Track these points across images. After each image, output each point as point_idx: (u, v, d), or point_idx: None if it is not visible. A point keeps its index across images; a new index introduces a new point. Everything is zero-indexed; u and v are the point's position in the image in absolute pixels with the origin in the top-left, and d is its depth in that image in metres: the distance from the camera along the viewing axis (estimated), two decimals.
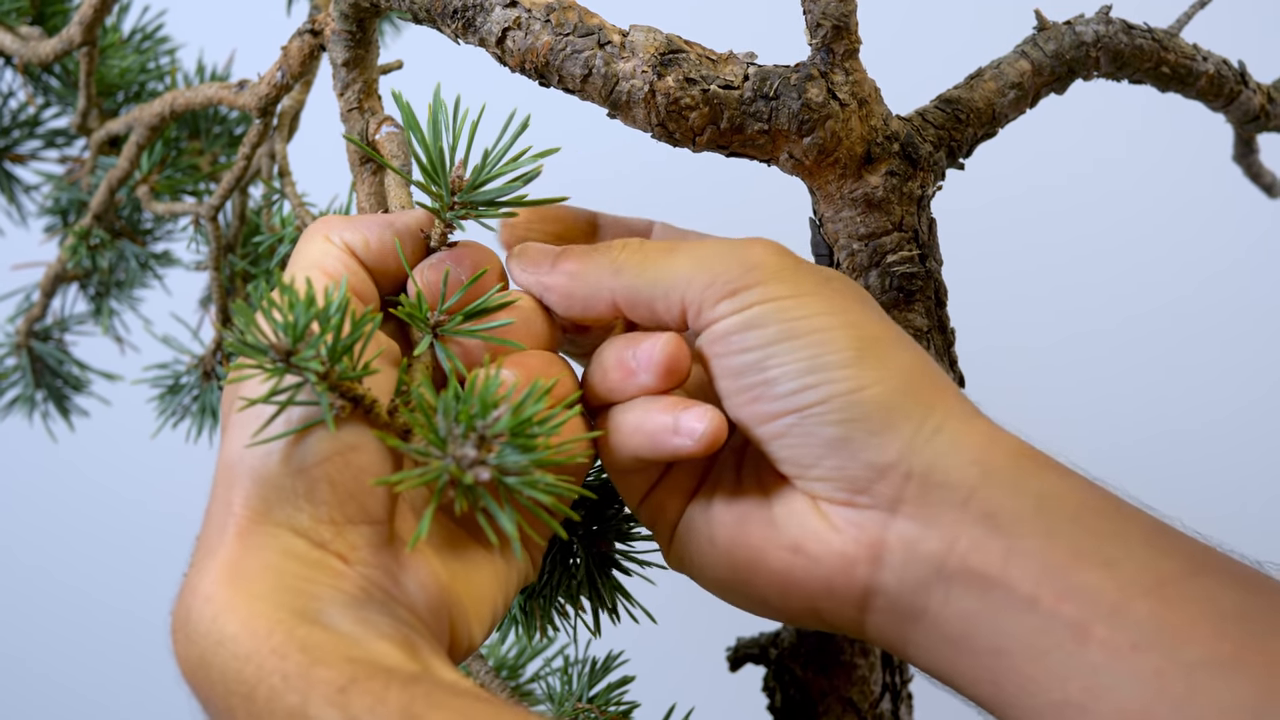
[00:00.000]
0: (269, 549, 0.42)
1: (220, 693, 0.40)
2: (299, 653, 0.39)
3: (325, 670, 0.39)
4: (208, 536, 0.44)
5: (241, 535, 0.42)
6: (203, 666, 0.41)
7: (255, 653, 0.39)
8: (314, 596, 0.41)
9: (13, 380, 0.91)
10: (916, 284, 0.56)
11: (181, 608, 0.42)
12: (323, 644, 0.39)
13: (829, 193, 0.55)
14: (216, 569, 0.42)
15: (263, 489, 0.43)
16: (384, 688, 0.38)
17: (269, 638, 0.40)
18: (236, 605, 0.41)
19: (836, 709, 0.63)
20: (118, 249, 0.84)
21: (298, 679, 0.38)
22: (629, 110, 0.53)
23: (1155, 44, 0.61)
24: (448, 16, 0.54)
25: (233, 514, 0.43)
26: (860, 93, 0.54)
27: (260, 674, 0.39)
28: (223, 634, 0.40)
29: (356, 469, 0.43)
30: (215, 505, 0.44)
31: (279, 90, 0.64)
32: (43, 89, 0.86)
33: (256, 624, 0.40)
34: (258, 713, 0.39)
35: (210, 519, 0.44)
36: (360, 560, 0.43)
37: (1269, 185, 0.76)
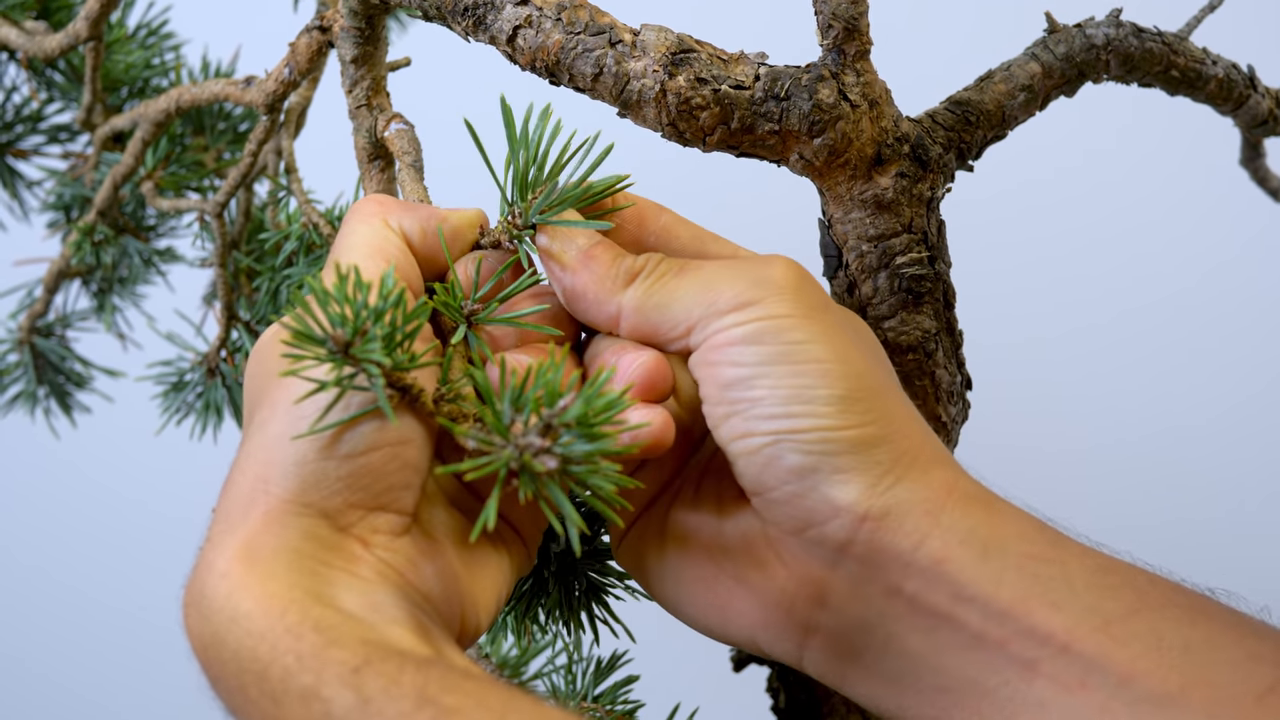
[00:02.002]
0: (291, 529, 0.42)
1: (233, 670, 0.40)
2: (313, 633, 0.39)
3: (339, 651, 0.38)
4: (229, 514, 0.43)
5: (268, 516, 0.42)
6: (215, 644, 0.40)
7: (269, 631, 0.39)
8: (330, 580, 0.41)
9: (15, 376, 0.91)
10: (925, 286, 0.56)
11: (196, 583, 0.42)
12: (337, 625, 0.39)
13: (839, 194, 0.55)
14: (235, 546, 0.41)
15: (302, 472, 0.42)
16: (398, 669, 0.38)
17: (284, 616, 0.39)
18: (251, 583, 0.40)
19: (841, 710, 0.63)
20: (121, 245, 0.84)
21: (311, 659, 0.38)
22: (639, 109, 0.52)
23: (1165, 47, 0.61)
24: (458, 14, 0.53)
25: (267, 494, 0.42)
26: (871, 94, 0.54)
27: (274, 653, 0.39)
28: (237, 611, 0.40)
29: (402, 461, 0.43)
30: (243, 484, 0.43)
31: (286, 87, 0.64)
32: (46, 84, 0.86)
33: (271, 603, 0.40)
34: (271, 691, 0.39)
35: (234, 497, 0.43)
36: (380, 545, 0.43)
37: (1276, 190, 0.76)
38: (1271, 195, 0.76)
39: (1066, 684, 0.41)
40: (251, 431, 0.45)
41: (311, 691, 0.38)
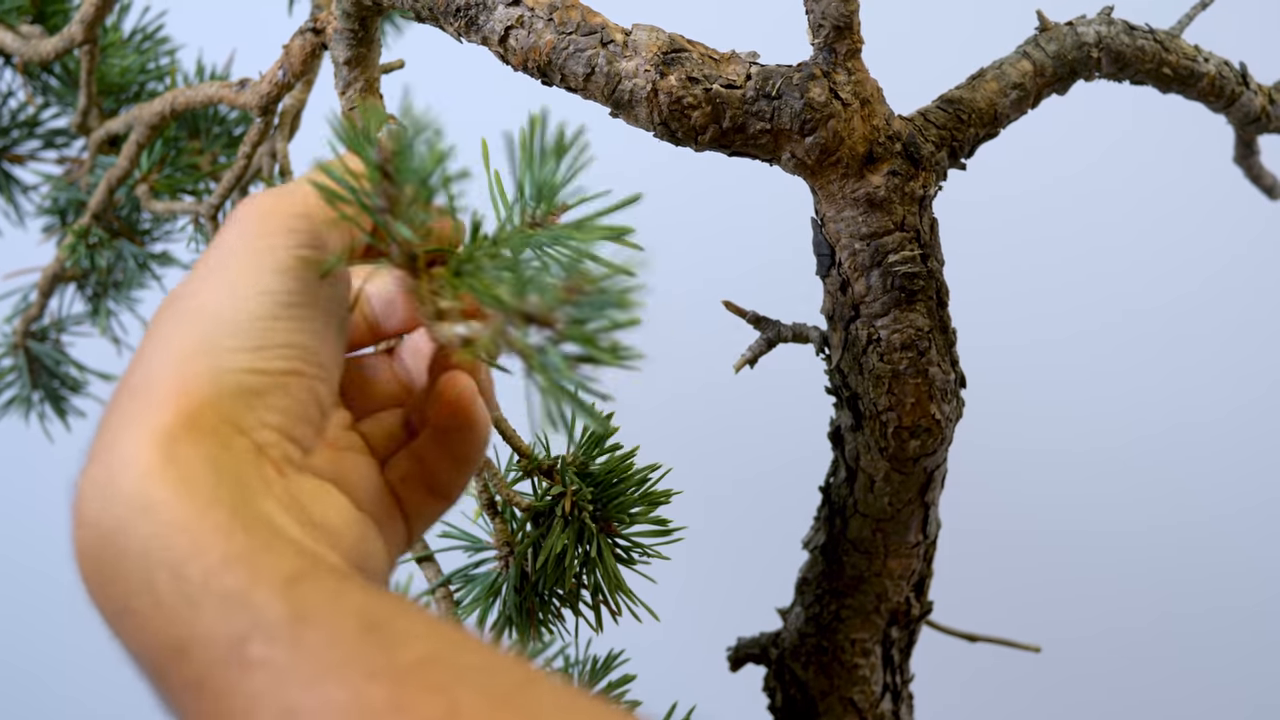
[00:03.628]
0: (211, 434, 0.37)
1: (136, 566, 0.35)
2: (243, 533, 0.34)
3: (274, 557, 0.34)
4: (138, 395, 0.38)
5: (188, 414, 0.37)
6: (117, 534, 0.35)
7: (190, 524, 0.34)
8: (256, 492, 0.37)
9: (9, 381, 0.91)
10: (918, 284, 0.56)
11: (96, 469, 0.37)
12: (271, 532, 0.35)
13: (831, 192, 0.55)
14: (148, 435, 0.36)
15: (228, 378, 0.38)
16: (338, 585, 0.34)
17: (208, 512, 0.35)
18: (169, 476, 0.35)
19: (837, 709, 0.63)
20: (116, 249, 0.84)
21: (241, 563, 0.34)
22: (631, 109, 0.53)
23: (1157, 45, 0.61)
24: (450, 15, 0.54)
25: (184, 391, 0.38)
26: (862, 92, 0.54)
27: (195, 548, 0.34)
28: (150, 499, 0.35)
29: (317, 395, 0.40)
30: (160, 368, 0.39)
31: (280, 89, 0.64)
32: (42, 88, 0.86)
33: (194, 498, 0.35)
34: (186, 591, 0.34)
35: (147, 380, 0.38)
36: (289, 477, 0.39)
37: (1269, 187, 0.76)
38: (1266, 193, 0.76)
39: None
40: (184, 306, 0.40)
41: (238, 596, 0.33)
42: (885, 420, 0.58)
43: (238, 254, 0.40)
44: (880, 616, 0.64)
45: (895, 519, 0.62)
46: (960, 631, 0.74)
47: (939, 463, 0.61)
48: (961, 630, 0.74)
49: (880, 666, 0.64)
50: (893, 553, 0.63)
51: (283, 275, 0.40)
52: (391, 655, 0.32)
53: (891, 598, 0.64)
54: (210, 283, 0.40)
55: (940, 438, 0.59)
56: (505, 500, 0.58)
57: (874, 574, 0.63)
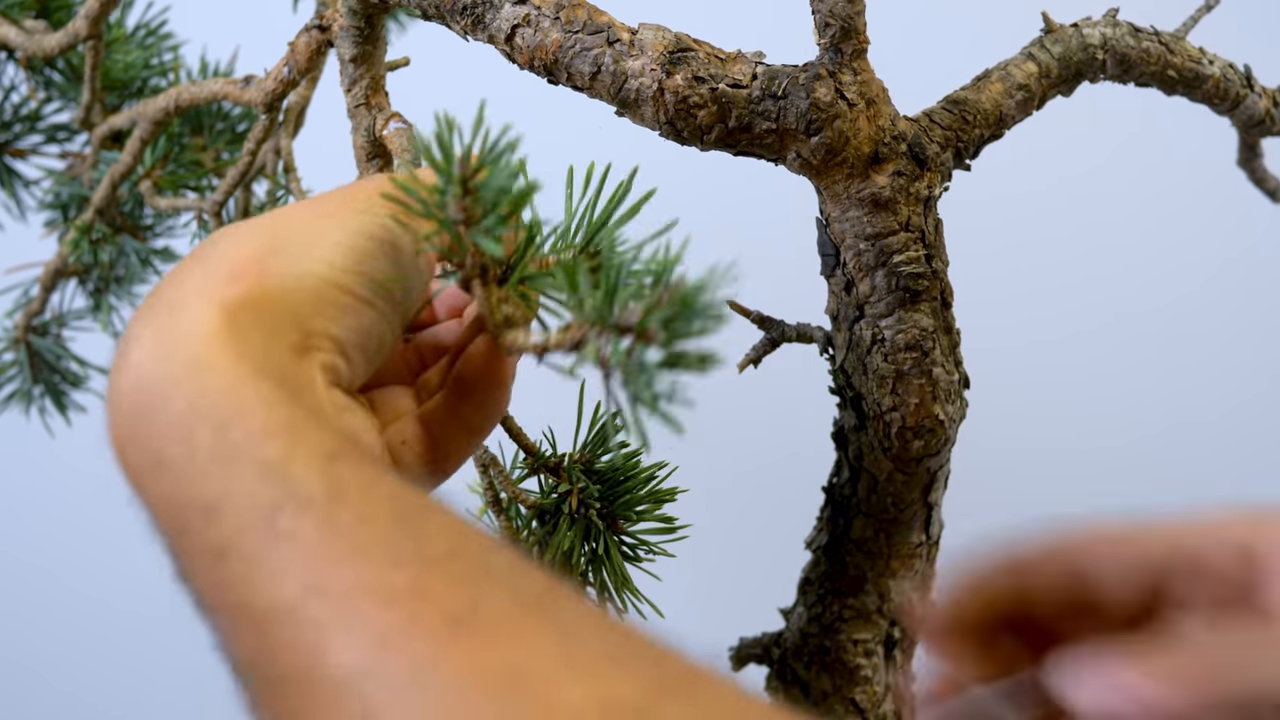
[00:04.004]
0: (274, 317, 0.38)
1: (179, 418, 0.35)
2: (288, 405, 0.35)
3: (316, 433, 0.34)
4: (206, 270, 0.39)
5: (258, 291, 0.38)
6: (167, 383, 0.35)
7: (239, 389, 0.35)
8: (302, 378, 0.37)
9: (10, 375, 0.91)
10: (923, 284, 0.56)
11: (161, 320, 0.37)
12: (314, 410, 0.36)
13: (836, 192, 0.55)
14: (217, 302, 0.37)
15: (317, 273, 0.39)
16: (375, 471, 0.34)
17: (259, 381, 0.35)
18: (230, 343, 0.36)
19: (840, 709, 0.63)
20: (118, 244, 0.84)
21: (283, 433, 0.34)
22: (637, 108, 0.53)
23: (1162, 47, 0.61)
24: (457, 13, 0.54)
25: (262, 270, 0.38)
26: (868, 93, 0.54)
27: (241, 411, 0.34)
28: (208, 360, 0.35)
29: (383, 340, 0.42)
30: (243, 242, 0.39)
31: (285, 86, 0.64)
32: (45, 83, 0.86)
33: (246, 364, 0.35)
34: (228, 453, 0.34)
35: (228, 251, 0.39)
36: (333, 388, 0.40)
37: (1273, 190, 0.76)
38: (1269, 196, 0.76)
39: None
40: (274, 215, 0.41)
41: (277, 466, 0.33)
42: (889, 420, 0.58)
43: (341, 204, 0.42)
44: (883, 617, 0.64)
45: (898, 519, 0.62)
46: None
47: (942, 463, 0.61)
48: None
49: (883, 667, 0.64)
50: (896, 553, 0.63)
51: (377, 226, 0.41)
52: (420, 545, 0.32)
53: (894, 598, 0.64)
54: (306, 207, 0.41)
55: (944, 438, 0.59)
56: (511, 498, 0.58)
57: (877, 574, 0.63)
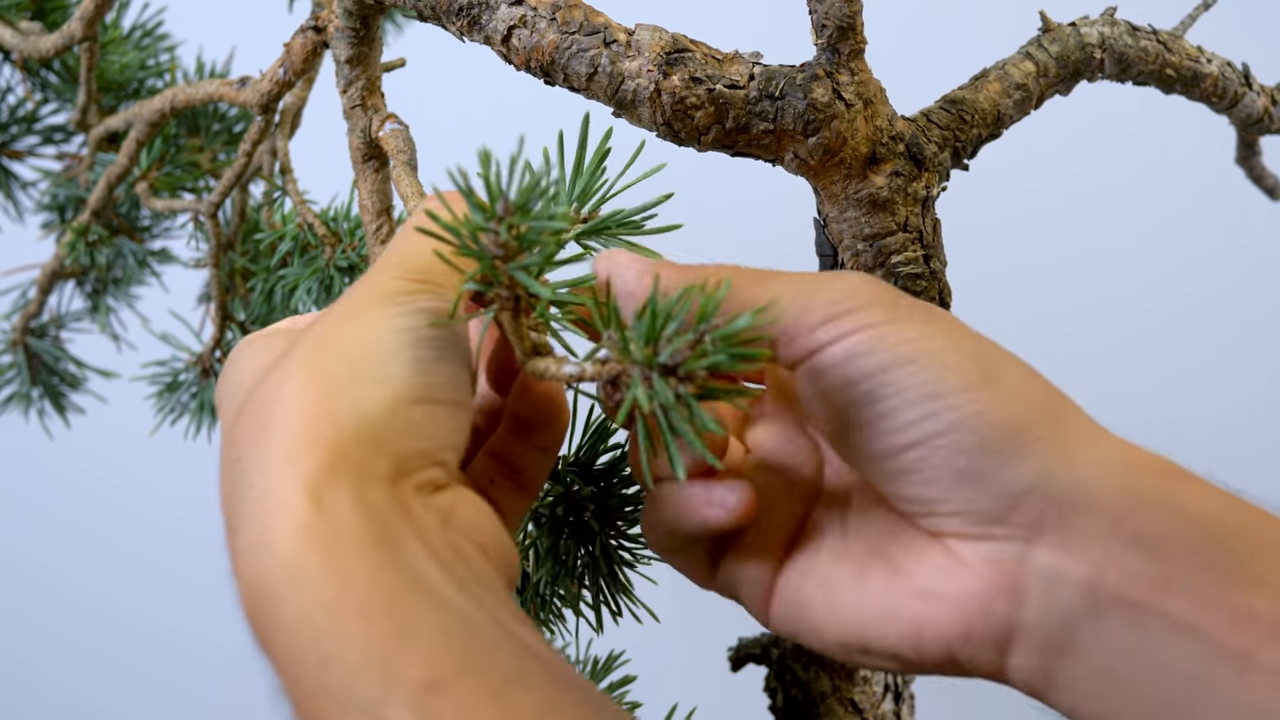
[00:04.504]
0: (360, 472, 0.38)
1: (289, 640, 0.36)
2: (384, 619, 0.35)
3: (411, 662, 0.34)
4: (273, 432, 0.39)
5: (336, 451, 0.38)
6: (272, 599, 0.36)
7: (335, 605, 0.35)
8: (399, 534, 0.38)
9: (9, 377, 0.91)
10: (921, 285, 0.56)
11: (256, 519, 0.38)
12: (411, 599, 0.36)
13: (834, 193, 0.55)
14: (299, 481, 0.37)
15: (386, 404, 0.39)
16: (473, 695, 0.34)
17: (352, 588, 0.35)
18: (320, 534, 0.36)
19: (839, 710, 0.63)
20: (115, 246, 0.84)
21: (377, 668, 0.34)
22: (634, 109, 0.52)
23: (1160, 46, 0.61)
24: (453, 14, 0.53)
25: (335, 422, 0.39)
26: (865, 93, 0.54)
27: (337, 640, 0.35)
28: (301, 568, 0.36)
29: (461, 422, 0.42)
30: (302, 399, 0.39)
31: (281, 87, 0.64)
32: (41, 84, 0.86)
33: (342, 564, 0.36)
34: (333, 692, 0.35)
35: (289, 417, 0.39)
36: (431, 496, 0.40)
37: (1271, 188, 0.76)
38: (1267, 193, 0.76)
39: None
40: (316, 340, 0.41)
41: (375, 710, 0.34)
42: None
43: (367, 301, 0.42)
44: None
45: None
46: None
47: None
48: None
49: None
50: None
51: (414, 315, 0.41)
52: None
53: None
54: (343, 325, 0.41)
55: None
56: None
57: None
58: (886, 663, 0.44)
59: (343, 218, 0.71)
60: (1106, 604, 0.40)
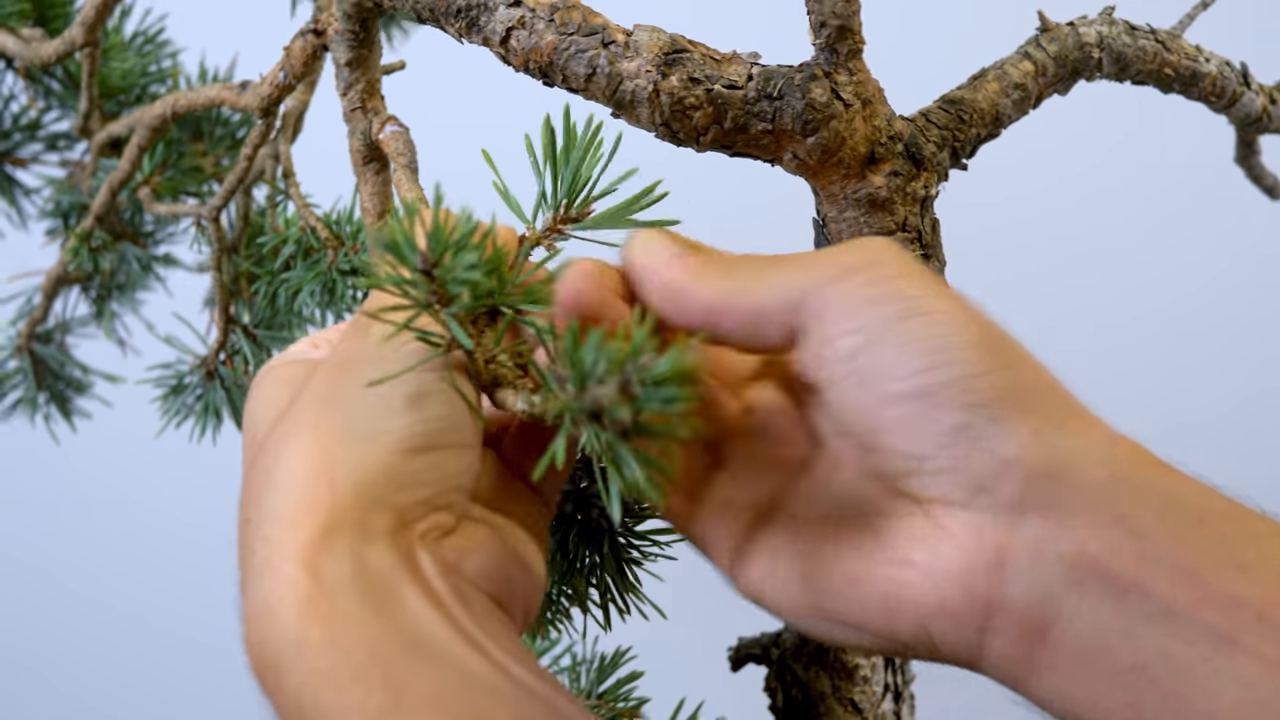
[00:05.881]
0: (358, 531, 0.39)
1: (292, 710, 0.37)
2: (380, 689, 0.36)
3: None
4: (285, 502, 0.40)
5: (335, 514, 0.39)
6: (276, 669, 0.37)
7: (334, 674, 0.36)
8: (398, 594, 0.38)
9: (15, 383, 0.91)
10: None
11: (258, 588, 0.39)
12: (407, 679, 0.36)
13: (833, 193, 0.55)
14: (299, 549, 0.38)
15: (380, 461, 0.40)
16: None
17: (351, 654, 0.36)
18: (319, 607, 0.37)
19: (838, 709, 0.63)
20: (119, 251, 0.84)
21: None
22: (633, 110, 0.53)
23: (1158, 45, 0.61)
24: (451, 16, 0.54)
25: (331, 485, 0.39)
26: (864, 93, 0.54)
27: (340, 708, 0.36)
28: (302, 639, 0.37)
29: (467, 463, 0.42)
30: (300, 468, 0.40)
31: (281, 90, 0.64)
32: (44, 91, 0.86)
33: (339, 632, 0.37)
34: None
35: (290, 483, 0.40)
36: (437, 543, 0.41)
37: (1270, 187, 0.76)
38: (1267, 193, 0.76)
39: (1270, 661, 0.36)
40: (314, 396, 0.42)
41: None
42: None
43: (362, 349, 0.42)
44: None
45: None
46: None
47: None
48: None
49: (882, 666, 0.64)
50: None
51: (408, 358, 0.42)
52: None
53: None
54: (339, 375, 0.42)
55: None
56: None
57: None
58: (855, 635, 0.43)
59: (345, 220, 0.71)
60: (1087, 579, 0.39)
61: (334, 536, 0.38)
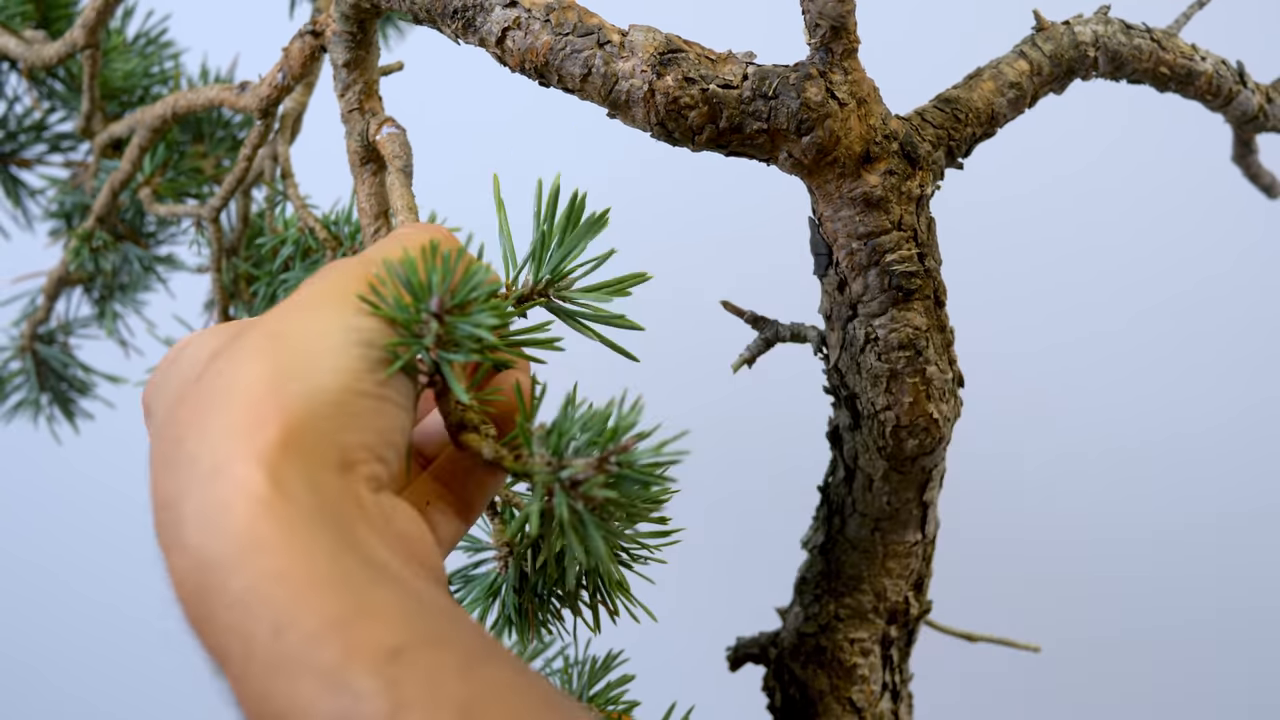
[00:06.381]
0: (312, 453, 0.38)
1: (236, 612, 0.34)
2: (342, 588, 0.34)
3: (371, 625, 0.34)
4: (226, 411, 0.38)
5: (290, 431, 0.38)
6: (220, 569, 0.35)
7: (292, 574, 0.34)
8: (352, 519, 0.37)
9: (17, 384, 0.91)
10: (915, 283, 0.56)
11: (206, 490, 0.36)
12: (368, 575, 0.35)
13: (828, 192, 0.55)
14: (254, 456, 0.37)
15: (338, 387, 0.39)
16: (436, 665, 0.33)
17: (311, 558, 0.35)
18: (277, 507, 0.35)
19: (836, 708, 0.63)
20: (121, 252, 0.85)
21: (338, 632, 0.33)
22: (628, 109, 0.53)
23: (1154, 44, 0.61)
24: (447, 16, 0.54)
25: (284, 401, 0.38)
26: (859, 92, 0.54)
27: (295, 607, 0.34)
28: (258, 537, 0.35)
29: (404, 424, 0.42)
30: (252, 369, 0.39)
31: (280, 91, 0.64)
32: (48, 93, 0.87)
33: (298, 537, 0.35)
34: (287, 660, 0.33)
35: (240, 385, 0.39)
36: (377, 493, 0.41)
37: (1268, 186, 0.76)
38: (1264, 191, 0.76)
39: None
40: (267, 330, 0.41)
41: (337, 674, 0.33)
42: (883, 419, 0.58)
43: (327, 297, 0.42)
44: (879, 616, 0.64)
45: (894, 518, 0.62)
46: (959, 631, 0.74)
47: (937, 462, 0.61)
48: (960, 630, 0.74)
49: (879, 666, 0.64)
50: (891, 552, 0.63)
51: (372, 321, 0.42)
52: None
53: (890, 597, 0.64)
54: (296, 315, 0.42)
55: (938, 437, 0.59)
56: (504, 501, 0.58)
57: (873, 573, 0.63)
58: None
59: (344, 221, 0.72)
60: None
61: (287, 452, 0.37)
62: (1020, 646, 0.75)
